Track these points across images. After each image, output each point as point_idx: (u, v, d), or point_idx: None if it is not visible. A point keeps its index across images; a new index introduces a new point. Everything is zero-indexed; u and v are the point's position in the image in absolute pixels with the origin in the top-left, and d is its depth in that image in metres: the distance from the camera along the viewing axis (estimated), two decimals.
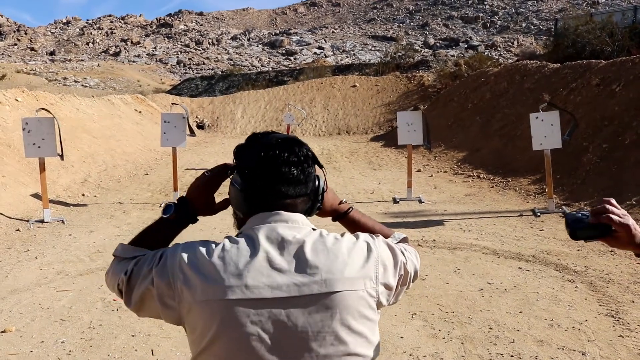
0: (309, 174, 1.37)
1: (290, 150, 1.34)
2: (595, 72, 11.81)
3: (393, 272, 1.35)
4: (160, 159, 15.30)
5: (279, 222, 1.30)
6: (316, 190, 1.41)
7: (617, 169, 8.53)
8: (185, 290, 1.23)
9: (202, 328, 1.24)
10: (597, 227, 1.37)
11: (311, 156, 1.39)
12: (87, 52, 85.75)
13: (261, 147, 1.34)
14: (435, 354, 3.76)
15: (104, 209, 9.05)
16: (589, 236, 1.40)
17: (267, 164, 1.31)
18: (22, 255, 6.47)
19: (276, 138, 1.36)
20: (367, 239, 1.36)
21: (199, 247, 1.29)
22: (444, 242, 6.61)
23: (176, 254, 1.28)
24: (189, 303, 1.23)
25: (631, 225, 1.34)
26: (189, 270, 1.24)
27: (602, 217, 1.36)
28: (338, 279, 1.25)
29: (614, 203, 1.38)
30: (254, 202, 1.34)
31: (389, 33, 79.82)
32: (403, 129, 9.46)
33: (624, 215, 1.36)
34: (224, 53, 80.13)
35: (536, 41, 56.64)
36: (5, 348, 4.00)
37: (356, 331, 1.27)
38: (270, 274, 1.23)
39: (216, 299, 1.21)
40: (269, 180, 1.32)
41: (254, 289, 1.22)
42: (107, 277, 1.41)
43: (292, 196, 1.34)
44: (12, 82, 47.13)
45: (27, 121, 8.06)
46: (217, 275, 1.22)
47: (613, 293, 4.79)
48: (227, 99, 26.74)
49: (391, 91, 24.52)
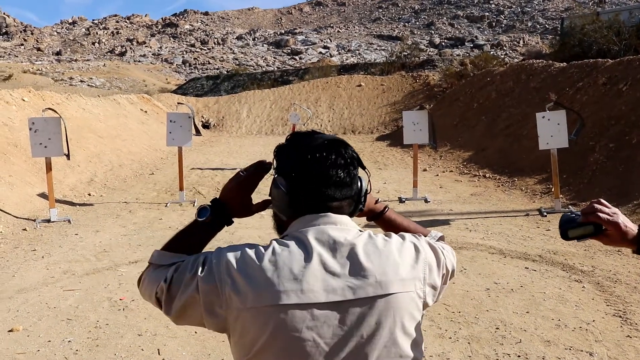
0: (354, 176, 1.36)
1: (338, 153, 1.32)
2: (602, 71, 11.76)
3: (437, 272, 1.35)
4: (166, 159, 15.33)
5: (328, 225, 1.28)
6: (359, 192, 1.39)
7: (623, 168, 8.49)
8: (234, 297, 1.20)
9: (254, 334, 1.20)
10: (587, 225, 1.39)
11: (356, 158, 1.37)
12: (93, 52, 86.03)
13: (307, 149, 1.31)
14: (442, 353, 3.75)
15: (110, 209, 9.07)
16: (580, 235, 1.41)
17: (315, 166, 1.29)
18: (28, 255, 6.49)
19: (322, 139, 1.33)
20: (413, 240, 1.35)
21: (247, 250, 1.25)
22: (450, 241, 6.59)
23: (222, 258, 1.24)
24: (237, 310, 1.20)
25: (620, 223, 1.35)
26: (238, 276, 1.21)
27: (591, 216, 1.37)
28: (392, 280, 1.24)
29: (603, 202, 1.39)
30: (300, 204, 1.32)
31: (395, 32, 79.77)
32: (409, 128, 9.45)
33: (614, 214, 1.37)
34: (229, 52, 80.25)
35: (542, 40, 56.51)
36: (13, 347, 4.01)
37: (408, 333, 1.26)
38: (324, 278, 1.21)
39: (269, 305, 1.18)
40: (316, 183, 1.30)
41: (309, 293, 1.19)
42: (141, 285, 1.37)
43: (339, 199, 1.33)
44: (18, 82, 47.37)
45: (33, 121, 8.09)
46: (269, 280, 1.19)
47: (620, 293, 4.76)
48: (233, 99, 26.76)
49: (397, 91, 24.49)
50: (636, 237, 1.36)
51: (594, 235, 1.39)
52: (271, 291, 1.18)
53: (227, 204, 1.41)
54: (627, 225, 1.36)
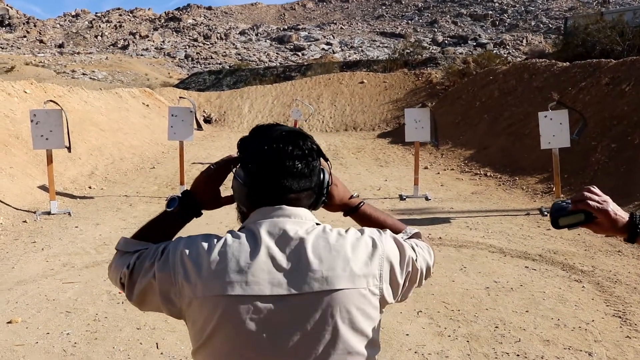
0: (314, 168, 1.34)
1: (295, 144, 1.31)
2: (605, 71, 11.73)
3: (399, 268, 1.32)
4: (167, 153, 15.32)
5: (282, 217, 1.28)
6: (321, 184, 1.38)
7: (625, 169, 8.47)
8: (186, 285, 1.22)
9: (202, 323, 1.22)
10: (577, 214, 1.37)
11: (316, 149, 1.36)
12: (96, 45, 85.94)
13: (265, 140, 1.31)
14: (441, 351, 3.75)
15: (110, 202, 9.07)
16: (571, 224, 1.39)
17: (271, 157, 1.29)
18: (28, 247, 6.49)
19: (280, 131, 1.33)
20: (372, 235, 1.32)
21: (200, 241, 1.26)
22: (450, 239, 6.58)
23: (178, 248, 1.26)
24: (189, 298, 1.22)
25: (610, 211, 1.34)
26: (190, 265, 1.22)
27: (581, 204, 1.36)
28: (339, 276, 1.22)
29: (593, 190, 1.38)
30: (257, 196, 1.32)
31: (398, 30, 79.64)
32: (411, 126, 9.43)
33: (604, 202, 1.35)
34: (232, 48, 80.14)
35: (545, 40, 56.40)
36: (11, 339, 4.01)
37: (357, 329, 1.25)
38: (270, 271, 1.21)
39: (216, 295, 1.20)
40: (273, 174, 1.29)
41: (254, 286, 1.20)
42: (109, 270, 1.40)
43: (296, 190, 1.31)
44: (20, 74, 47.33)
45: (35, 113, 8.08)
46: (217, 270, 1.21)
47: (620, 294, 4.75)
48: (235, 94, 26.73)
49: (399, 88, 24.45)
50: (627, 225, 1.34)
51: (584, 223, 1.38)
52: (218, 282, 1.20)
53: (197, 196, 1.43)
54: (617, 213, 1.35)
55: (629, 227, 1.34)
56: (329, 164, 1.42)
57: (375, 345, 1.31)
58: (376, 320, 1.30)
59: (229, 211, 1.65)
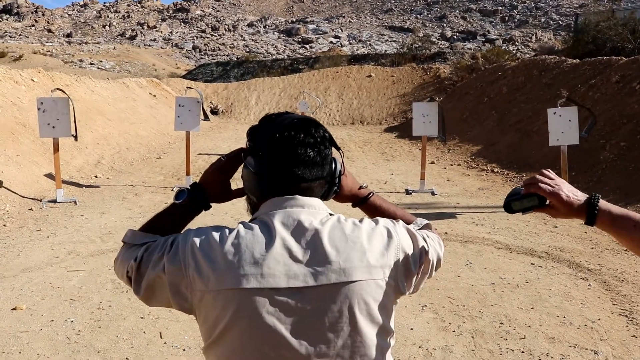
0: (326, 156, 1.32)
1: (307, 131, 1.28)
2: (616, 69, 11.64)
3: (413, 259, 1.30)
4: (173, 143, 15.32)
5: (295, 207, 1.25)
6: (333, 173, 1.35)
7: (634, 167, 8.41)
8: (197, 279, 1.18)
9: (215, 318, 1.19)
10: (530, 197, 1.33)
11: (328, 137, 1.33)
12: (104, 34, 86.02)
13: (276, 128, 1.28)
14: (445, 347, 3.73)
15: (116, 191, 9.08)
16: (524, 208, 1.34)
17: (282, 145, 1.26)
18: (34, 234, 6.50)
19: (291, 118, 1.30)
20: (387, 225, 1.30)
21: (211, 233, 1.23)
22: (456, 235, 6.55)
23: (188, 240, 1.23)
24: (201, 291, 1.19)
25: (562, 194, 1.28)
26: (201, 258, 1.19)
27: (532, 187, 1.32)
28: (356, 267, 1.20)
29: (547, 173, 1.33)
30: (268, 185, 1.29)
31: (406, 24, 79.33)
32: (418, 120, 9.38)
33: (556, 185, 1.30)
34: (239, 39, 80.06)
35: (555, 36, 56.08)
36: (16, 325, 4.02)
37: (375, 321, 1.23)
38: (286, 262, 1.18)
39: (230, 288, 1.16)
40: (284, 163, 1.26)
41: (270, 278, 1.17)
42: (115, 264, 1.36)
43: (308, 179, 1.28)
44: (28, 62, 47.46)
45: (42, 101, 8.08)
46: (231, 263, 1.17)
47: (627, 293, 4.72)
48: (242, 85, 26.71)
49: (407, 82, 24.37)
50: (584, 207, 1.27)
51: (538, 207, 1.33)
52: (232, 274, 1.16)
53: (207, 189, 1.39)
54: (571, 195, 1.28)
55: (587, 209, 1.27)
56: (340, 153, 1.39)
57: (392, 336, 1.30)
58: (392, 312, 1.28)
59: (235, 202, 1.63)
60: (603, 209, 1.26)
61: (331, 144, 1.34)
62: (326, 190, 1.36)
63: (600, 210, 1.25)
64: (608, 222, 1.26)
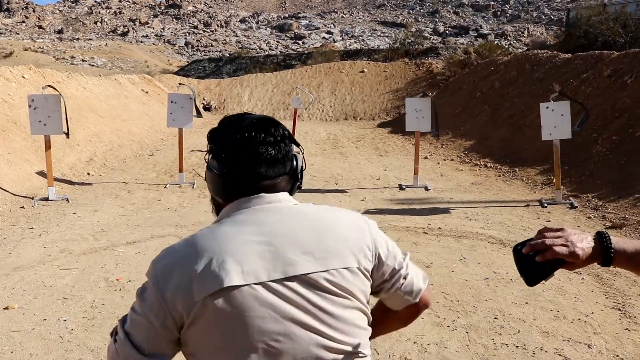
0: (287, 153, 1.36)
1: (266, 131, 1.32)
2: (607, 63, 11.66)
3: (385, 254, 1.35)
4: (166, 140, 15.27)
5: (263, 205, 1.29)
6: (295, 169, 1.39)
7: (626, 161, 8.43)
8: (179, 297, 1.17)
9: (206, 324, 1.18)
10: (547, 264, 1.23)
11: (287, 135, 1.37)
12: (95, 31, 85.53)
13: (236, 129, 1.31)
14: (440, 342, 3.73)
15: (108, 189, 9.03)
16: (545, 275, 1.24)
17: (244, 146, 1.29)
18: (26, 233, 6.46)
19: (250, 119, 1.34)
20: (357, 214, 1.39)
21: (176, 248, 1.24)
22: (450, 230, 6.56)
23: (153, 272, 1.22)
24: (186, 309, 1.17)
25: (579, 251, 1.21)
26: (175, 276, 1.18)
27: (548, 254, 1.22)
28: (333, 254, 1.25)
29: (550, 229, 1.25)
30: (233, 185, 1.31)
31: (399, 19, 79.32)
32: (411, 115, 9.37)
33: (568, 242, 1.22)
34: (232, 35, 79.82)
35: (547, 31, 56.21)
36: (8, 325, 3.99)
37: (356, 307, 1.28)
38: (264, 257, 1.20)
39: (214, 291, 1.16)
40: (247, 163, 1.29)
41: (251, 274, 1.18)
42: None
43: (271, 177, 1.32)
44: (19, 59, 47.15)
45: (33, 98, 8.02)
46: (209, 267, 1.17)
47: (620, 286, 4.73)
48: (235, 82, 26.63)
49: (399, 78, 24.36)
50: (599, 251, 1.22)
51: (556, 269, 1.24)
52: (213, 278, 1.16)
53: None
54: (584, 247, 1.22)
55: (602, 253, 1.22)
56: (300, 149, 1.43)
57: (369, 323, 1.35)
58: (367, 298, 1.33)
59: None
60: (618, 249, 1.23)
61: (291, 141, 1.38)
62: (290, 186, 1.39)
63: (615, 252, 1.23)
64: (625, 262, 1.24)
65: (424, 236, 6.29)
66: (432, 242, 6.06)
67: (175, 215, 7.37)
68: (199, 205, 7.93)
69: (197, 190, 8.93)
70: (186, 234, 6.34)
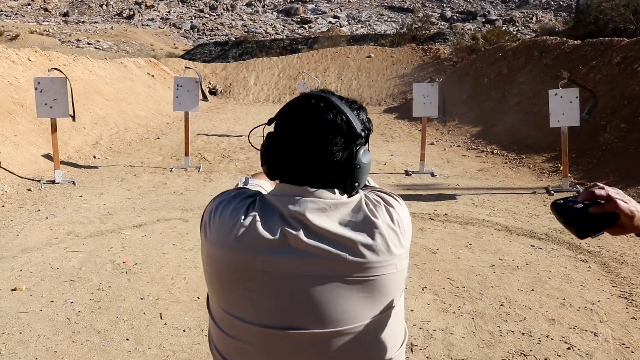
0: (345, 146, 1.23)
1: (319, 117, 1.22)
2: (617, 50, 11.55)
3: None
4: (172, 124, 15.25)
5: (306, 198, 1.21)
6: (350, 160, 1.24)
7: (634, 149, 8.37)
8: (207, 231, 1.26)
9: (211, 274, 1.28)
10: (603, 217, 1.13)
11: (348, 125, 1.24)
12: (101, 14, 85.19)
13: (290, 111, 1.25)
14: (446, 328, 3.73)
15: (114, 172, 9.04)
16: (599, 229, 1.14)
17: (291, 131, 1.23)
18: (32, 215, 6.48)
19: (308, 103, 1.24)
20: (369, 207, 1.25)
21: (231, 201, 1.27)
22: (456, 216, 6.54)
23: (213, 202, 1.30)
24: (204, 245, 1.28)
25: (636, 213, 1.11)
26: (213, 221, 1.25)
27: (608, 206, 1.12)
28: (348, 251, 1.19)
29: (601, 186, 1.15)
30: (281, 167, 1.26)
31: (406, 4, 78.62)
32: (419, 101, 9.32)
33: (629, 200, 1.12)
34: (238, 19, 79.37)
35: (556, 17, 55.68)
36: (16, 306, 4.01)
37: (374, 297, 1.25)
38: (294, 250, 1.18)
39: (220, 260, 1.23)
40: (292, 150, 1.22)
41: (268, 264, 1.19)
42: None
43: (322, 170, 1.23)
44: (25, 42, 47.03)
45: (39, 81, 8.00)
46: (228, 238, 1.20)
47: (627, 275, 4.72)
48: (241, 66, 26.53)
49: (406, 63, 24.22)
50: None
51: (609, 227, 1.14)
52: (225, 249, 1.22)
53: None
54: (638, 209, 1.12)
55: None
56: (361, 141, 1.28)
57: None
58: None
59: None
60: None
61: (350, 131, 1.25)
62: (342, 181, 1.25)
63: None
64: None
65: (430, 222, 6.28)
66: (438, 228, 6.04)
67: (181, 198, 7.37)
68: (205, 189, 7.93)
69: (203, 174, 8.93)
70: (192, 218, 6.36)
